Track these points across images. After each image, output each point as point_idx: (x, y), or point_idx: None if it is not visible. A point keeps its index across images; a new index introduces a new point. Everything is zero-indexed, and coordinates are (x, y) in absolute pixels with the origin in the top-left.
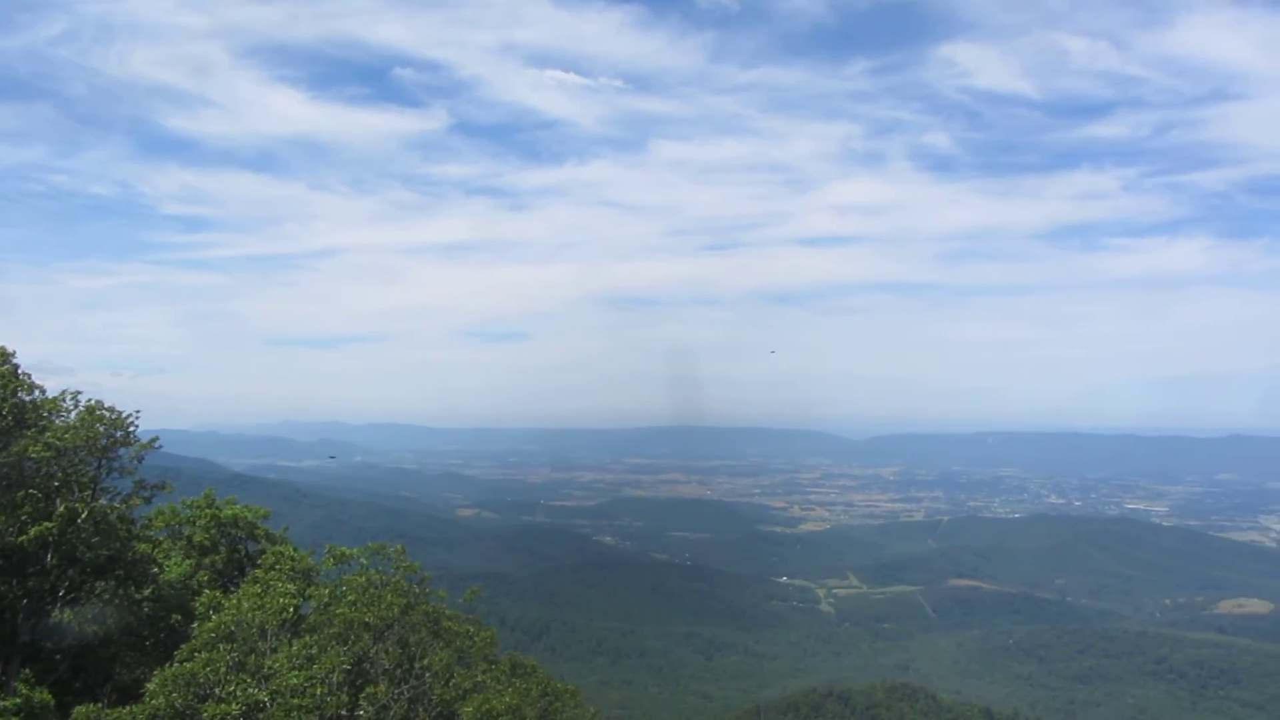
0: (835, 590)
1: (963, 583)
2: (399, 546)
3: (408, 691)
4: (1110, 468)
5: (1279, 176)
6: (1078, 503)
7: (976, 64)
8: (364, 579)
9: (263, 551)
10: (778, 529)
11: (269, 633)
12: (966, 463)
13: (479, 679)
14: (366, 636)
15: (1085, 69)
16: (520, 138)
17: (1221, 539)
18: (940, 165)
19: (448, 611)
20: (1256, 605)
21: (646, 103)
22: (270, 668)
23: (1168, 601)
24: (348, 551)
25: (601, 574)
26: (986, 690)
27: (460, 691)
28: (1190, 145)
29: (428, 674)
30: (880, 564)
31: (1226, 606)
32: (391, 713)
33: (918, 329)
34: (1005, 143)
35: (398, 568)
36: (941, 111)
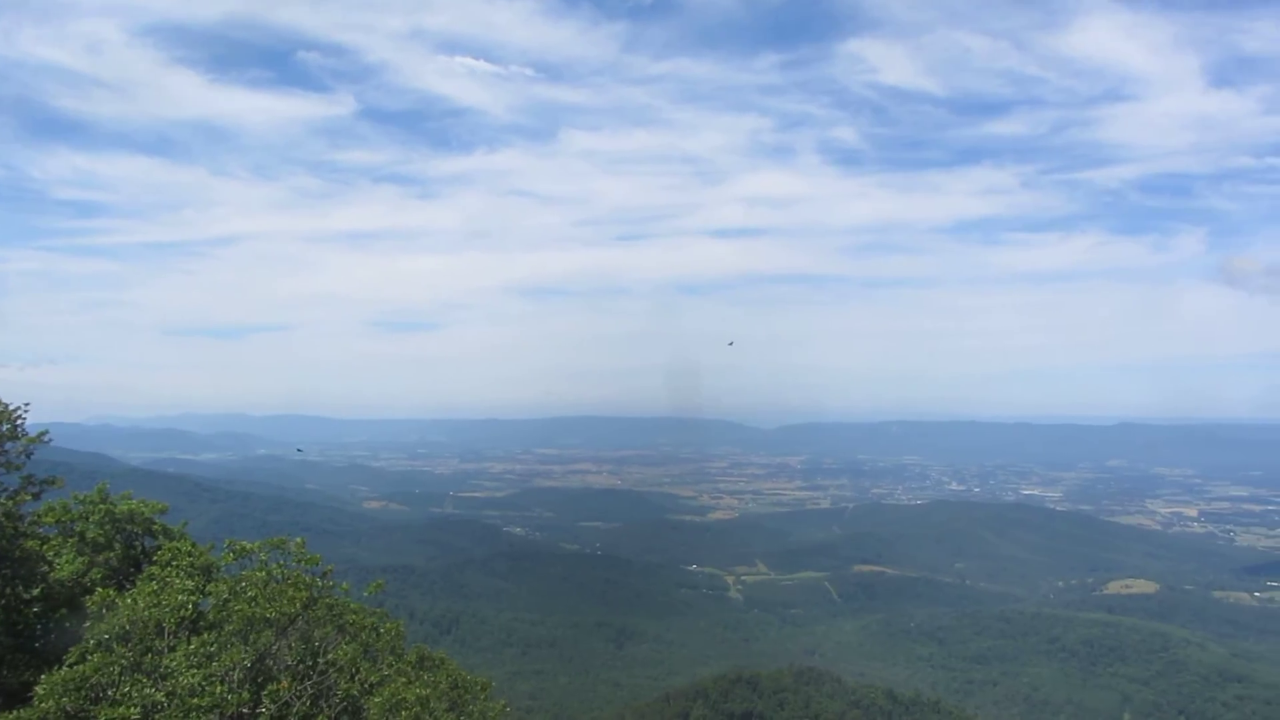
0: (744, 577)
1: (867, 568)
2: (300, 540)
3: (311, 688)
4: (1007, 455)
5: (1167, 175)
6: (977, 489)
7: (883, 60)
8: (265, 574)
9: (159, 548)
10: (687, 517)
11: (166, 631)
12: (871, 451)
13: (386, 673)
14: (268, 633)
15: (987, 68)
16: (429, 125)
17: (1111, 523)
18: (847, 159)
19: (353, 605)
20: (1143, 585)
21: (557, 92)
22: (167, 667)
23: (1060, 583)
24: (248, 546)
25: (511, 565)
26: (889, 672)
27: (366, 686)
28: (1084, 144)
29: (332, 669)
30: (788, 551)
31: (1115, 587)
32: (295, 709)
33: (825, 320)
34: (910, 138)
35: (300, 561)
36: (849, 106)
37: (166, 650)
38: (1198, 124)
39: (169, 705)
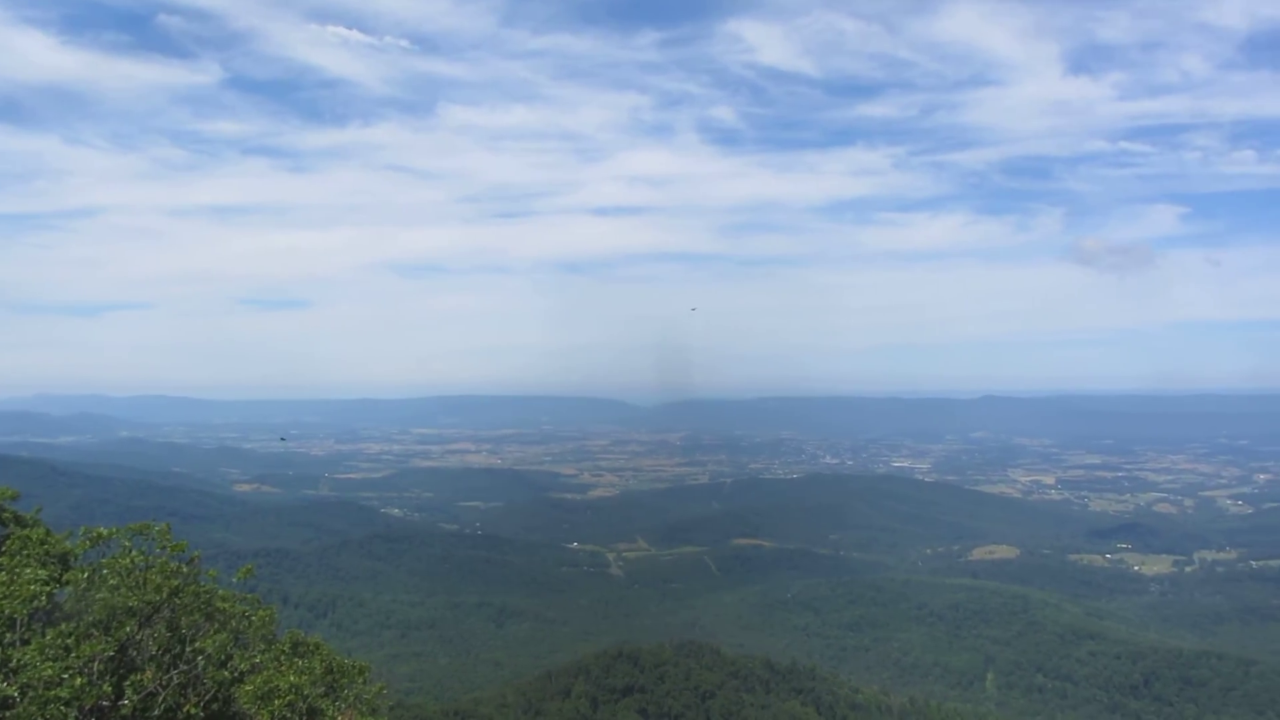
0: (625, 554)
1: (745, 542)
2: (165, 525)
3: (178, 677)
4: (879, 429)
5: (1029, 158)
6: (850, 462)
7: (761, 41)
8: (127, 561)
9: (9, 536)
10: (568, 495)
11: (19, 623)
12: (749, 427)
13: (257, 660)
14: (131, 622)
15: (860, 50)
16: (301, 96)
17: (976, 492)
18: (726, 139)
19: (222, 592)
20: (1005, 551)
21: (434, 65)
22: (20, 661)
23: (929, 551)
24: (105, 532)
25: (389, 546)
26: (767, 642)
27: (237, 674)
28: (952, 127)
29: (200, 658)
30: (668, 526)
31: (979, 554)
32: (160, 700)
33: (703, 298)
34: (787, 119)
35: (164, 547)
36: (728, 86)
37: (19, 643)
38: (1056, 109)
39: (22, 700)
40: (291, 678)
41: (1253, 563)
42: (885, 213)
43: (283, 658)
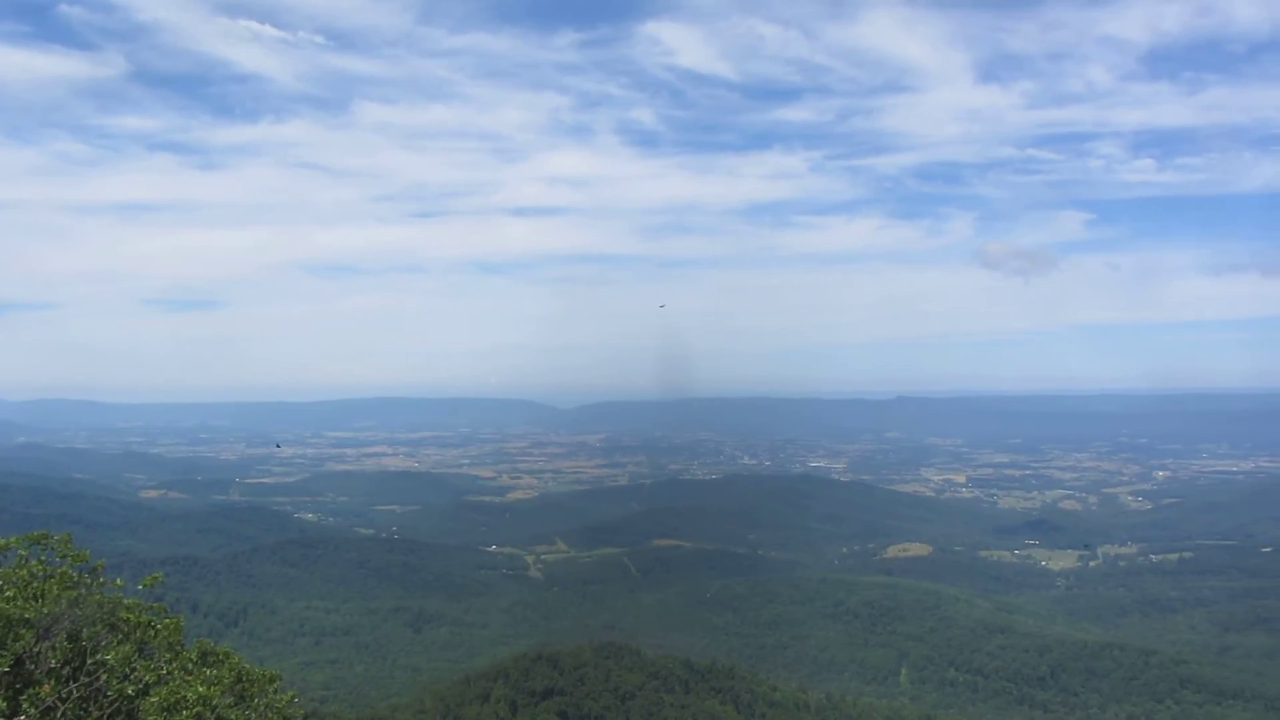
0: (544, 556)
1: (665, 542)
2: (65, 534)
3: (78, 690)
4: (797, 430)
5: (942, 164)
6: (768, 463)
7: (680, 43)
8: (25, 571)
9: None
10: (487, 498)
11: None
12: (668, 428)
13: (163, 671)
14: (28, 634)
15: (778, 55)
16: (210, 91)
17: (890, 491)
18: (645, 140)
19: (127, 601)
20: (918, 549)
21: (349, 62)
22: None
23: (845, 550)
24: (0, 542)
25: (303, 552)
26: (687, 642)
27: (141, 685)
28: (867, 132)
29: (102, 670)
30: (587, 528)
31: (893, 551)
32: (60, 713)
33: (622, 300)
34: (706, 122)
35: (65, 557)
36: (647, 88)
37: None
38: (968, 116)
39: None
40: (199, 688)
41: (1152, 557)
42: (802, 216)
43: (190, 668)
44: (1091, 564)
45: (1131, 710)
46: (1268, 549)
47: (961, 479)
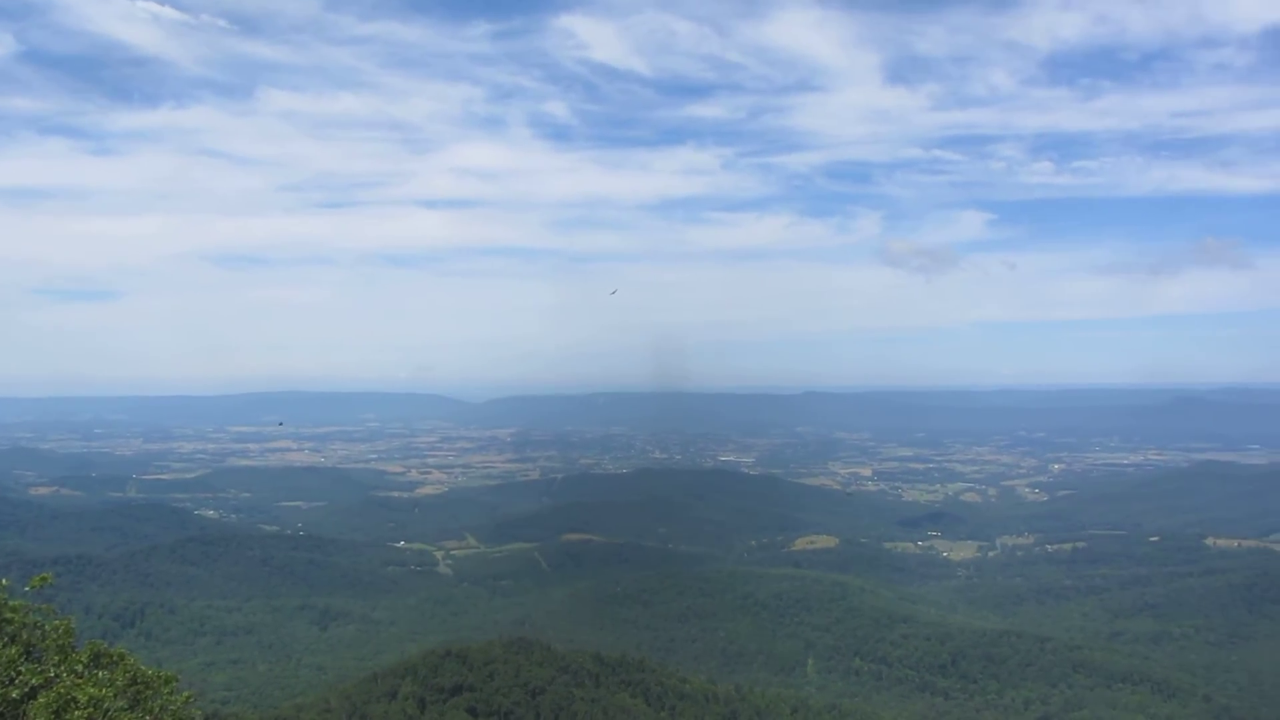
0: (453, 552)
1: (575, 537)
2: None
3: None
4: (707, 424)
5: (850, 163)
6: (679, 457)
7: (594, 38)
8: None
9: None
10: (395, 494)
11: None
12: (579, 422)
13: (52, 673)
14: None
15: (691, 51)
16: (107, 74)
17: (798, 484)
18: (558, 134)
19: (13, 603)
20: (825, 541)
21: (254, 47)
22: None
23: (754, 542)
24: None
25: (203, 550)
26: (597, 636)
27: (28, 689)
28: (778, 130)
29: None
30: (497, 524)
31: (801, 544)
32: None
33: (534, 294)
34: (619, 116)
35: None
36: (561, 81)
37: None
38: (876, 116)
39: None
40: (90, 690)
41: (1048, 546)
42: (714, 212)
43: (81, 670)
44: (990, 554)
45: (1027, 695)
46: (1155, 538)
47: (868, 472)
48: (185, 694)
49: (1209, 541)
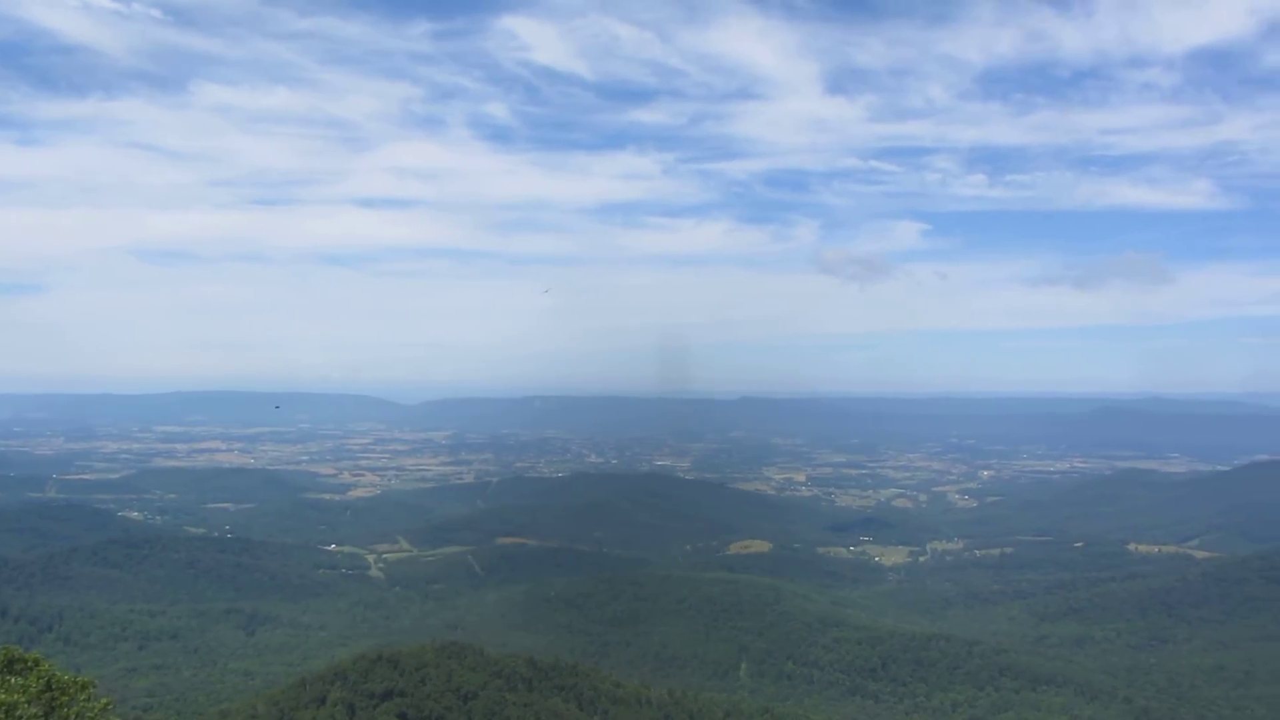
0: (385, 555)
1: (510, 540)
2: None
3: None
4: (643, 429)
5: (789, 171)
6: (614, 461)
7: (536, 40)
8: None
9: None
10: (327, 496)
11: None
12: (515, 425)
13: None
14: None
15: (634, 56)
16: (32, 62)
17: (733, 489)
18: (498, 135)
19: None
20: (759, 545)
21: (188, 39)
22: None
23: (689, 547)
24: None
25: (127, 552)
26: (531, 640)
27: None
28: (718, 137)
29: None
30: (431, 527)
31: (736, 548)
32: None
33: (471, 295)
34: (560, 119)
35: None
36: (502, 83)
37: None
38: (815, 126)
39: None
40: (1, 696)
41: (976, 552)
42: (653, 217)
43: None
44: (921, 559)
45: (955, 698)
46: (1079, 544)
47: (802, 478)
48: (103, 700)
49: (1131, 547)
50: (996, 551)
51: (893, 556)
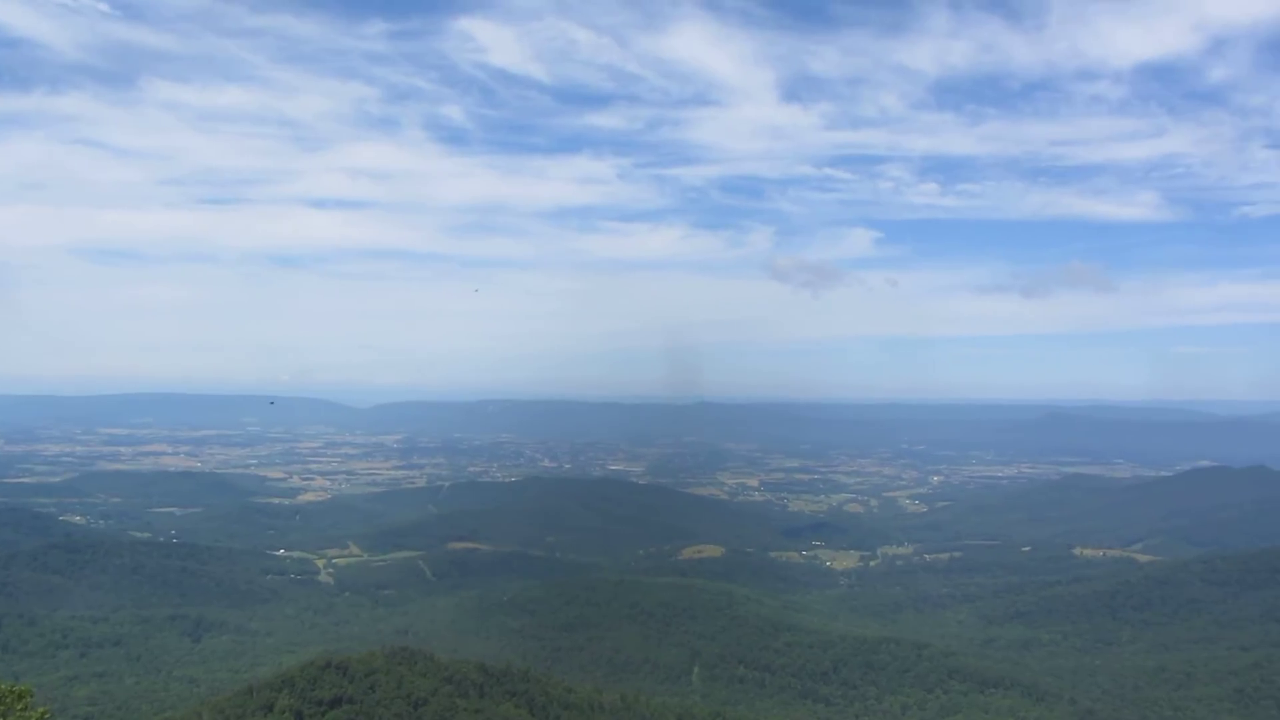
0: (335, 560)
1: (461, 545)
2: None
3: None
4: (597, 433)
5: (744, 178)
6: (568, 465)
7: (493, 42)
8: None
9: None
10: (276, 500)
11: None
12: (468, 429)
13: None
14: None
15: (591, 61)
16: None
17: (687, 494)
18: (454, 137)
19: None
20: (711, 550)
21: (138, 34)
22: None
23: (642, 551)
24: None
25: (68, 557)
26: (482, 646)
27: None
28: (675, 143)
29: None
30: (381, 531)
31: (689, 553)
32: None
33: (424, 298)
34: (516, 122)
35: None
36: (458, 84)
37: None
38: (770, 133)
39: None
40: None
41: (926, 556)
42: (609, 221)
43: None
44: (872, 564)
45: (905, 700)
46: (1027, 548)
47: (755, 483)
48: (40, 710)
49: (1077, 551)
50: (946, 556)
51: (844, 561)
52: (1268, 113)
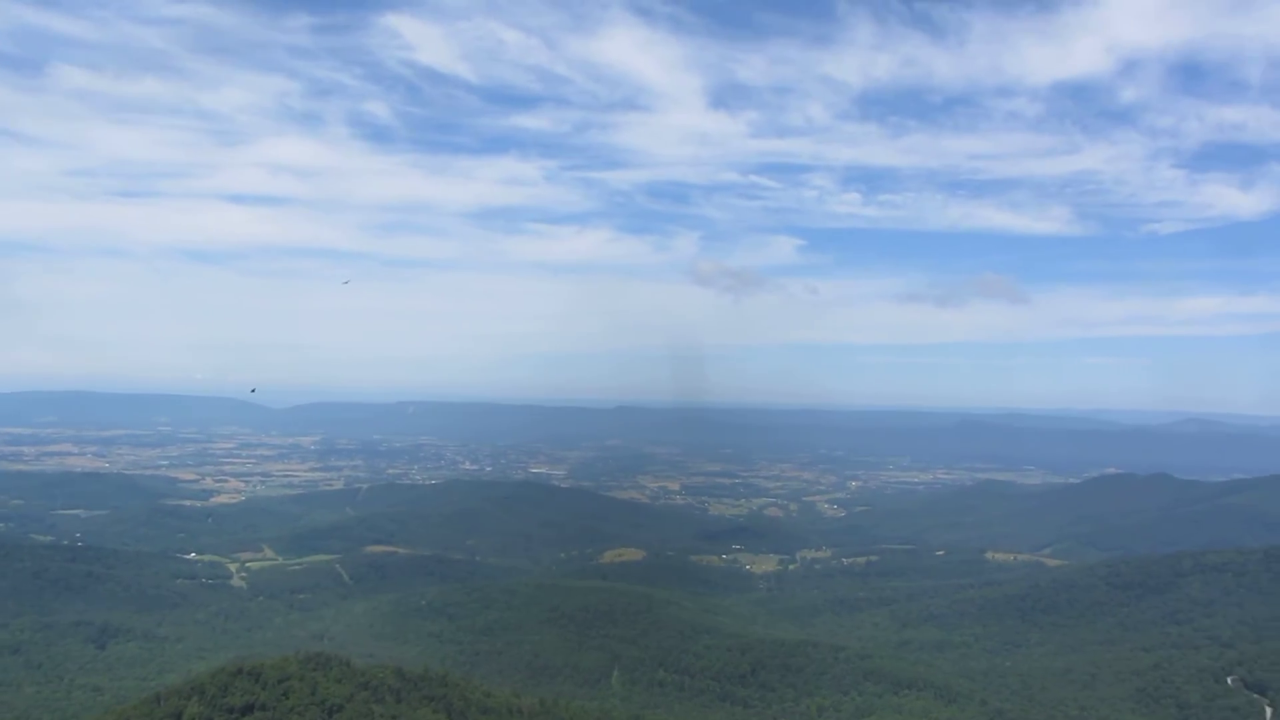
0: (249, 564)
1: (379, 549)
2: None
3: None
4: (518, 436)
5: (670, 183)
6: (489, 468)
7: (419, 40)
8: None
9: None
10: (187, 503)
11: None
12: (387, 431)
13: None
14: None
15: (519, 61)
16: None
17: (608, 497)
18: (378, 135)
19: None
20: (632, 553)
21: (47, 19)
22: None
23: (563, 555)
24: None
25: None
26: (400, 650)
27: None
28: (602, 146)
29: None
30: (297, 534)
31: (610, 556)
32: None
33: (344, 297)
34: (442, 121)
35: None
36: (383, 81)
37: None
38: (697, 139)
39: None
40: None
41: (844, 560)
42: (534, 223)
43: None
44: (790, 567)
45: (821, 702)
46: (941, 552)
47: (676, 486)
48: None
49: (989, 555)
50: (863, 559)
51: (763, 564)
52: (1175, 133)
